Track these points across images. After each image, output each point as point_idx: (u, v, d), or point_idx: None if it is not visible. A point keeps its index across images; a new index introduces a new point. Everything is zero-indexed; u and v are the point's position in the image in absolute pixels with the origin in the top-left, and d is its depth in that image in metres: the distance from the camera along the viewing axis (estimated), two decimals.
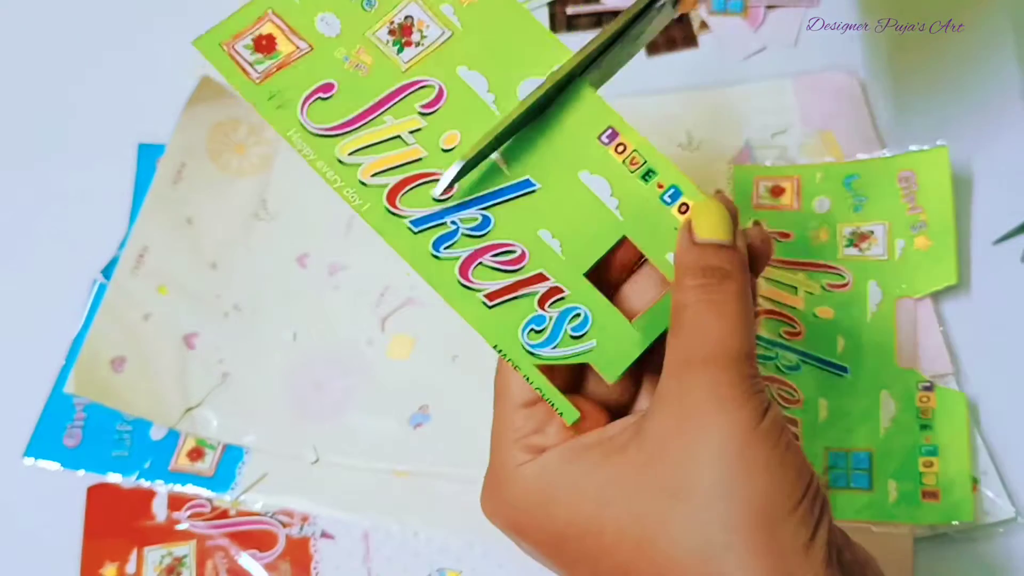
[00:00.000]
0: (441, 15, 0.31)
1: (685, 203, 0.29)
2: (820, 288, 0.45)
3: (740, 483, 0.24)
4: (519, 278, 0.29)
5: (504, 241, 0.29)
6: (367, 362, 0.47)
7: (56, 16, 0.63)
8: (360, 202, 0.30)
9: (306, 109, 0.31)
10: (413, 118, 0.30)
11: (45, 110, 0.59)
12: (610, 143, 0.30)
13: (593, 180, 0.29)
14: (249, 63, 0.31)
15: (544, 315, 0.29)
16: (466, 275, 0.29)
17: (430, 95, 0.30)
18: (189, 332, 0.48)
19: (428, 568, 0.42)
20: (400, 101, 0.30)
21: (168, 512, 0.45)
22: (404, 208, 0.30)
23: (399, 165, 0.30)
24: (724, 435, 0.25)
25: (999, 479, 0.40)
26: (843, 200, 0.47)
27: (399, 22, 0.31)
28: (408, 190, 0.30)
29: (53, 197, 0.55)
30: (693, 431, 0.25)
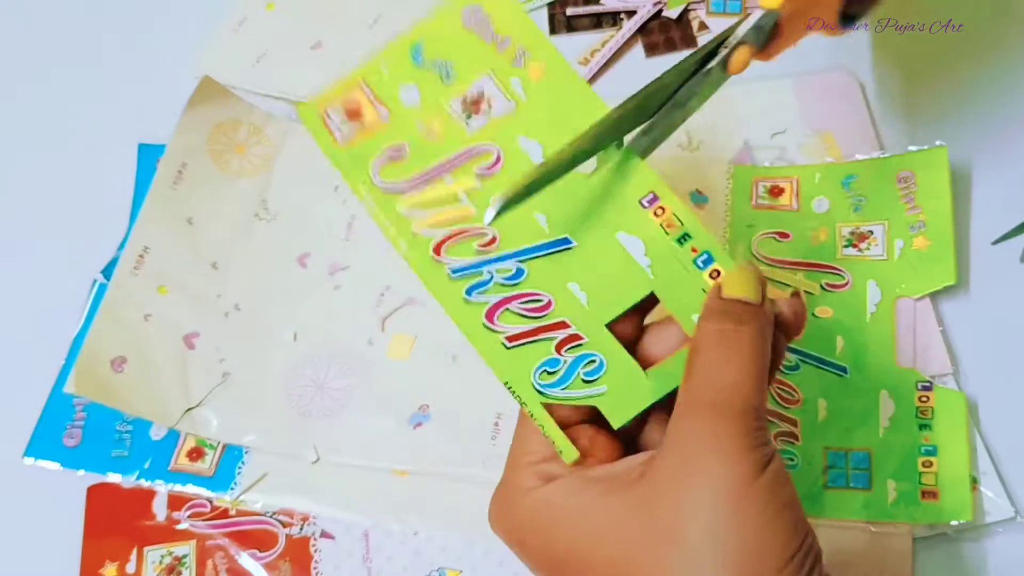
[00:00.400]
0: (510, 89, 0.33)
1: (717, 269, 0.30)
2: (819, 288, 0.45)
3: (731, 536, 0.24)
4: (541, 324, 0.31)
5: (533, 291, 0.31)
6: (367, 362, 0.47)
7: (56, 16, 0.63)
8: (408, 250, 0.32)
9: (379, 168, 0.34)
10: (471, 179, 0.32)
11: (45, 110, 0.59)
12: (650, 207, 0.31)
13: (629, 240, 0.31)
14: (337, 127, 0.35)
15: (559, 359, 0.30)
16: (491, 318, 0.31)
17: (489, 160, 0.33)
18: (189, 332, 0.48)
19: (428, 567, 0.42)
20: (461, 164, 0.33)
21: (168, 512, 0.45)
22: (447, 257, 0.32)
23: (452, 221, 0.32)
24: (720, 486, 0.25)
25: (998, 479, 0.40)
26: (842, 200, 0.47)
27: (472, 96, 0.34)
28: (456, 243, 0.32)
29: (53, 197, 0.55)
30: (691, 478, 0.25)
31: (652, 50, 0.55)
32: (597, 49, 0.55)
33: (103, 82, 0.59)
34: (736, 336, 0.27)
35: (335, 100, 0.34)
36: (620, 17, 0.56)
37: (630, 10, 0.56)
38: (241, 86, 0.56)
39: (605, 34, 0.56)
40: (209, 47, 0.59)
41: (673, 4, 0.56)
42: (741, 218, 0.48)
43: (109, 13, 0.62)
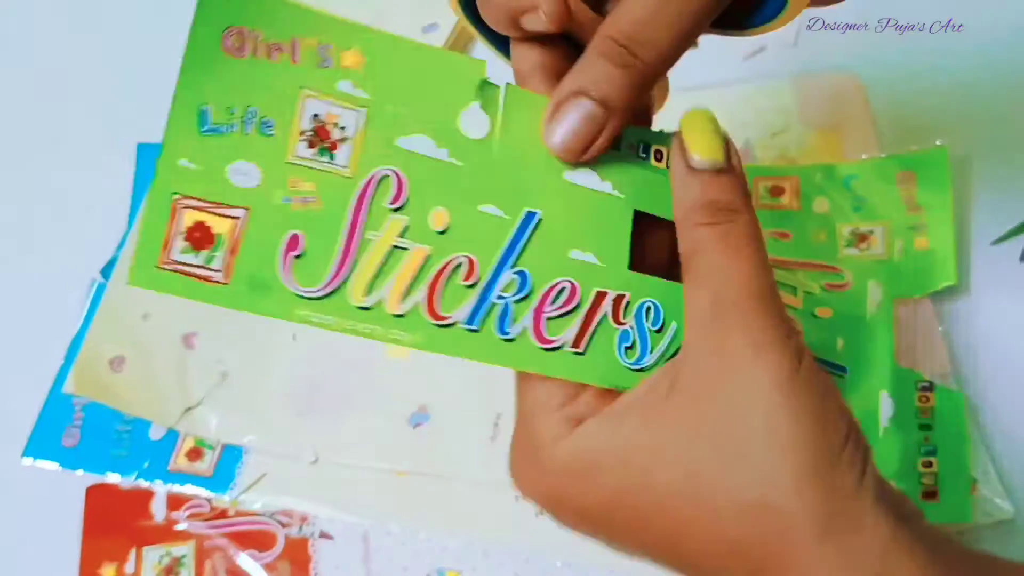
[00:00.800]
0: (343, 96, 0.26)
1: (658, 149, 0.28)
2: (819, 288, 0.45)
3: (789, 431, 0.24)
4: (585, 309, 0.28)
5: (549, 284, 0.27)
6: (367, 362, 0.47)
7: (56, 16, 0.63)
8: (410, 336, 0.27)
9: (291, 279, 0.26)
10: (392, 220, 0.26)
11: (45, 110, 0.59)
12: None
13: (576, 175, 0.28)
14: (200, 266, 0.26)
15: (625, 328, 0.28)
16: (542, 339, 0.27)
17: (390, 187, 0.26)
18: (188, 332, 0.48)
19: (428, 568, 0.42)
20: (370, 211, 0.26)
21: (167, 512, 0.45)
22: (449, 313, 0.27)
23: (416, 275, 0.26)
24: (767, 383, 0.24)
25: (998, 479, 0.40)
26: (842, 200, 0.47)
27: (309, 128, 0.26)
28: (442, 292, 0.27)
29: (52, 197, 0.55)
30: (734, 381, 0.24)
31: None
32: None
33: (103, 82, 0.59)
34: (732, 227, 0.26)
35: (166, 240, 0.25)
36: None
37: None
38: None
39: None
40: None
41: None
42: None
43: (109, 13, 0.62)
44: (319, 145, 0.26)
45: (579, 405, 0.27)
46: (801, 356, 0.25)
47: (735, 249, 0.25)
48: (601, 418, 0.26)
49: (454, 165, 0.27)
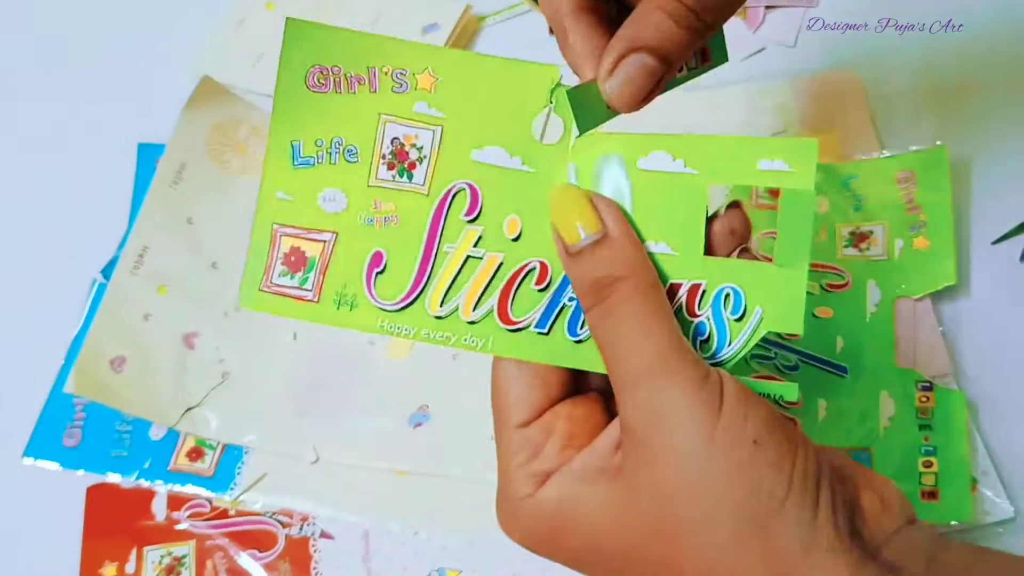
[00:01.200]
0: (419, 117, 0.28)
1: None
2: (819, 288, 0.45)
3: (718, 505, 0.23)
4: None
5: None
6: (367, 362, 0.47)
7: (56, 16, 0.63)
8: (483, 342, 0.28)
9: (374, 294, 0.29)
10: (467, 231, 0.28)
11: (45, 110, 0.59)
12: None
13: (649, 161, 0.27)
14: (295, 287, 0.29)
15: (700, 320, 0.27)
16: None
17: (466, 200, 0.28)
18: (189, 332, 0.48)
19: (428, 567, 0.42)
20: (446, 225, 0.28)
21: (168, 512, 0.45)
22: (520, 318, 0.28)
23: (488, 282, 0.28)
24: (682, 460, 0.24)
25: (998, 479, 0.40)
26: (842, 200, 0.47)
27: (389, 151, 0.28)
28: (513, 297, 0.28)
29: (53, 197, 0.55)
30: (653, 462, 0.24)
31: None
32: None
33: (103, 82, 0.59)
34: (612, 300, 0.25)
35: (268, 266, 0.28)
36: None
37: None
38: (240, 86, 0.56)
39: None
40: (209, 47, 0.59)
41: None
42: None
43: (109, 12, 0.62)
44: (398, 167, 0.28)
45: (543, 458, 0.27)
46: (721, 401, 0.24)
47: (619, 321, 0.25)
48: (560, 480, 0.27)
49: (527, 172, 0.28)
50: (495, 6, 0.58)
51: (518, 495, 0.27)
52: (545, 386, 0.28)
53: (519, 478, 0.27)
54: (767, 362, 0.43)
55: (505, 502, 0.28)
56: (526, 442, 0.27)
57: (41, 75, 0.60)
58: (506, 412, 0.28)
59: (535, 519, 0.27)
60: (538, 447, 0.27)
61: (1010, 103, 0.50)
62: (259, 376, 0.47)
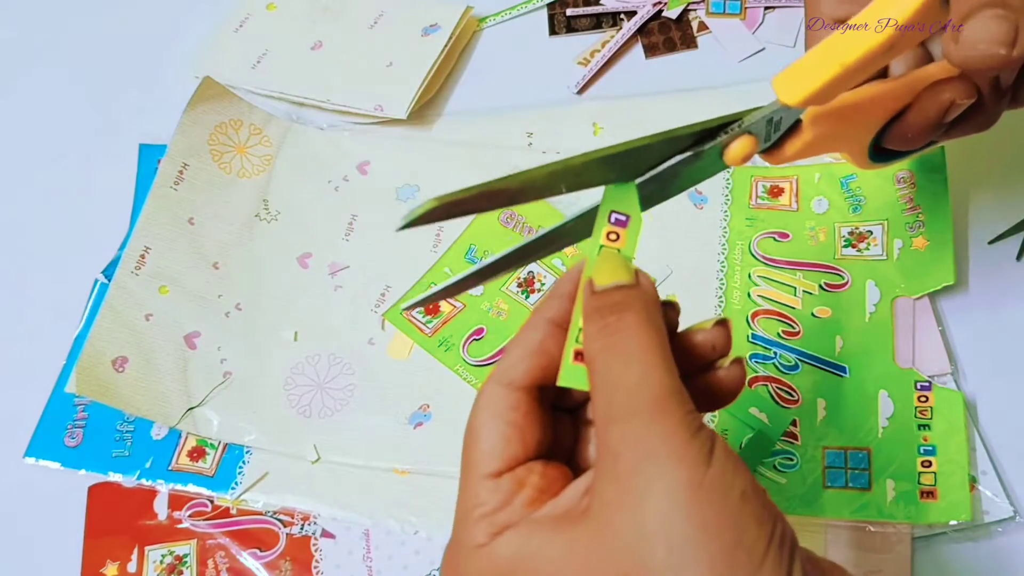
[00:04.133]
0: (555, 269, 0.46)
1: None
2: (818, 288, 0.45)
3: (698, 552, 0.22)
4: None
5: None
6: (368, 361, 0.47)
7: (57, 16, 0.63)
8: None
9: (467, 349, 0.46)
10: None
11: (46, 110, 0.59)
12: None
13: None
14: (423, 323, 0.47)
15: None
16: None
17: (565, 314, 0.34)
18: (190, 332, 0.48)
19: (428, 566, 0.42)
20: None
21: (169, 511, 0.45)
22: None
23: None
24: (668, 501, 0.22)
25: (997, 478, 0.40)
26: (841, 200, 0.47)
27: (523, 278, 0.46)
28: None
29: (55, 197, 0.55)
30: (635, 500, 0.23)
31: (652, 51, 0.55)
32: (597, 50, 0.55)
33: (104, 82, 0.59)
34: (621, 327, 0.24)
35: (415, 302, 0.31)
36: (620, 17, 0.56)
37: (630, 11, 0.56)
38: (241, 86, 0.56)
39: (605, 34, 0.56)
40: (209, 47, 0.59)
41: (673, 4, 0.56)
42: (740, 218, 0.48)
43: (109, 13, 0.62)
44: (524, 288, 0.47)
45: (509, 511, 0.26)
46: (710, 458, 0.23)
47: (622, 351, 0.24)
48: (521, 529, 0.25)
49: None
50: (495, 7, 0.58)
51: (471, 543, 0.26)
52: (522, 441, 0.27)
53: (478, 527, 0.26)
54: (767, 362, 0.44)
55: (455, 550, 0.27)
56: (495, 492, 0.26)
57: (42, 75, 0.60)
58: (478, 459, 0.27)
59: (483, 570, 0.25)
60: (507, 499, 0.26)
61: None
62: (260, 376, 0.47)
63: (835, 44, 0.27)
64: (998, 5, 0.26)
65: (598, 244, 0.27)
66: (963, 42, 0.26)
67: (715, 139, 0.27)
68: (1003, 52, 0.26)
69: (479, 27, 0.58)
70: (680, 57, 0.55)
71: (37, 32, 0.62)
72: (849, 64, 0.26)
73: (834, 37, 0.27)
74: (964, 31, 0.27)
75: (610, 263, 0.26)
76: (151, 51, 0.60)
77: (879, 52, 0.27)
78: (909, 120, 0.33)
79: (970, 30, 0.27)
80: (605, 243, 0.27)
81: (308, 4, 0.59)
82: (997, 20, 0.26)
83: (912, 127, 0.33)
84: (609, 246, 0.27)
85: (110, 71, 0.60)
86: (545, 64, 0.56)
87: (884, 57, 0.27)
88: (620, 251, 0.27)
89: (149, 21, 0.62)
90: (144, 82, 0.59)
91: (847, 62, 0.26)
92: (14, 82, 0.60)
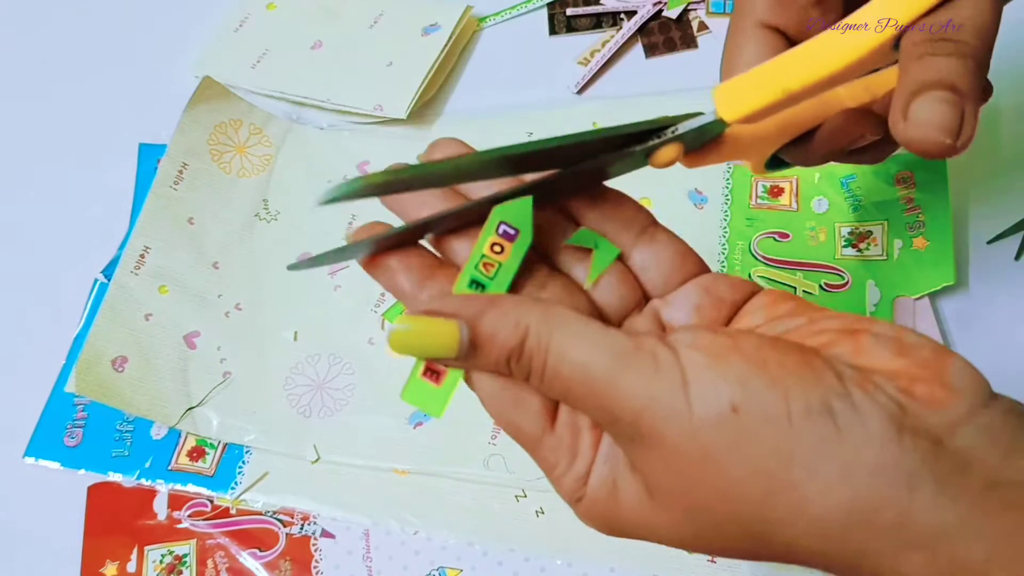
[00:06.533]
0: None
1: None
2: (818, 288, 0.45)
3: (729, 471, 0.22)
4: None
5: None
6: (367, 361, 0.47)
7: (57, 17, 0.63)
8: None
9: None
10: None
11: (47, 110, 0.59)
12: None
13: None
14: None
15: None
16: None
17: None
18: (190, 332, 0.48)
19: (428, 566, 0.42)
20: None
21: (169, 511, 0.45)
22: None
23: None
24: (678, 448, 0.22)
25: None
26: (841, 200, 0.47)
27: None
28: None
29: (54, 197, 0.55)
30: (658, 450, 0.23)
31: (652, 50, 0.55)
32: (597, 49, 0.55)
33: (104, 82, 0.59)
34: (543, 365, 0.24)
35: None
36: (620, 17, 0.56)
37: (630, 10, 0.56)
38: (241, 86, 0.56)
39: (605, 34, 0.56)
40: (209, 47, 0.59)
41: (673, 4, 0.56)
42: (740, 218, 0.48)
43: (110, 13, 0.62)
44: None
45: (581, 460, 0.25)
46: (684, 379, 0.22)
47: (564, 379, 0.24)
48: (600, 469, 0.25)
49: None
50: (495, 7, 0.58)
51: (572, 501, 0.26)
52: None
53: (566, 486, 0.26)
54: None
55: (573, 508, 0.26)
56: (558, 448, 0.26)
57: (43, 75, 0.60)
58: (522, 433, 0.26)
59: (600, 516, 0.25)
60: (572, 448, 0.26)
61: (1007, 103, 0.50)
62: (260, 376, 0.47)
63: (781, 67, 0.27)
64: (947, 87, 0.26)
65: (480, 254, 0.26)
66: (910, 123, 0.26)
67: (645, 142, 0.27)
68: (948, 142, 0.25)
69: (479, 27, 0.58)
70: (680, 57, 0.55)
71: (37, 32, 0.62)
72: (792, 91, 0.27)
73: (781, 59, 0.27)
74: (911, 112, 0.26)
75: (423, 336, 0.25)
76: (151, 51, 0.60)
77: (824, 83, 0.27)
78: (815, 145, 0.33)
79: (917, 112, 0.26)
80: (488, 254, 0.26)
81: (308, 4, 0.59)
82: (944, 105, 0.25)
83: (817, 151, 0.34)
84: (491, 258, 0.26)
85: (110, 71, 0.60)
86: (545, 64, 0.56)
87: (827, 87, 0.27)
88: (501, 265, 0.26)
89: (149, 21, 0.62)
90: (144, 82, 0.59)
91: (791, 88, 0.27)
92: (14, 82, 0.60)
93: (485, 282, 0.26)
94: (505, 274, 0.26)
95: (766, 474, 0.22)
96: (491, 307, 0.24)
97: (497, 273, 0.26)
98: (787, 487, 0.21)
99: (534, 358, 0.24)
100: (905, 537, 0.21)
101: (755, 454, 0.22)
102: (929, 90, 0.26)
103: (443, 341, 0.24)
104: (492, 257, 0.26)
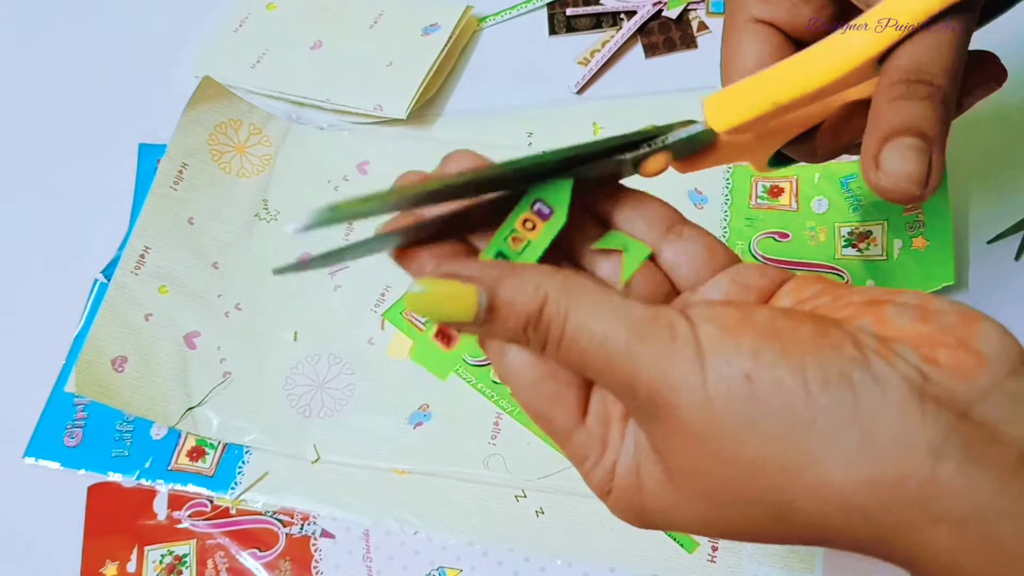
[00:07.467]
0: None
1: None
2: None
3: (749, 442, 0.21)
4: None
5: None
6: (367, 361, 0.47)
7: (58, 16, 0.63)
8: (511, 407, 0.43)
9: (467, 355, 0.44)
10: None
11: (47, 110, 0.59)
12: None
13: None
14: (423, 323, 0.46)
15: None
16: None
17: None
18: (190, 332, 0.48)
19: (428, 566, 0.42)
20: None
21: (169, 511, 0.45)
22: None
23: None
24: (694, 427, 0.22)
25: None
26: (841, 200, 0.47)
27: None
28: None
29: (54, 197, 0.55)
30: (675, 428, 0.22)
31: (652, 51, 0.55)
32: (597, 50, 0.55)
33: (104, 82, 0.59)
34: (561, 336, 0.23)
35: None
36: (620, 17, 0.56)
37: (630, 10, 0.56)
38: (241, 86, 0.56)
39: (605, 34, 0.56)
40: (209, 47, 0.59)
41: (673, 4, 0.56)
42: (740, 218, 0.48)
43: (110, 13, 0.62)
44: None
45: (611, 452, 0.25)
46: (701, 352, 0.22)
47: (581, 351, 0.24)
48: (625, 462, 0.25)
49: None
50: (495, 7, 0.58)
51: (602, 493, 0.26)
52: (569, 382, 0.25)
53: (596, 479, 0.26)
54: None
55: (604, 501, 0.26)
56: (588, 441, 0.25)
57: (42, 75, 0.60)
58: (553, 426, 0.26)
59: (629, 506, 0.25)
60: (603, 439, 0.25)
61: (1007, 103, 0.50)
62: (260, 376, 0.47)
63: (772, 79, 0.27)
64: (915, 133, 0.26)
65: (511, 227, 0.25)
66: (882, 171, 0.26)
67: (635, 150, 0.27)
68: (916, 192, 0.26)
69: (479, 27, 0.58)
70: (680, 57, 0.55)
71: (37, 32, 0.62)
72: (782, 103, 0.27)
73: (772, 70, 0.27)
74: (883, 161, 0.26)
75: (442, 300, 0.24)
76: (151, 51, 0.60)
77: (814, 96, 0.27)
78: (820, 141, 0.33)
79: (888, 161, 0.26)
80: (519, 228, 0.25)
81: (308, 4, 0.59)
82: (912, 153, 0.26)
83: (824, 148, 0.33)
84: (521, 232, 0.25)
85: (110, 71, 0.60)
86: (545, 64, 0.56)
87: (817, 99, 0.27)
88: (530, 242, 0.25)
89: (149, 21, 0.61)
90: (144, 82, 0.59)
91: (780, 101, 0.27)
92: (14, 82, 0.60)
93: (512, 256, 0.25)
94: (532, 252, 0.25)
95: (783, 447, 0.21)
96: (511, 273, 0.24)
97: (525, 249, 0.25)
98: (807, 460, 0.21)
99: (552, 326, 0.23)
100: (933, 511, 0.20)
101: (771, 426, 0.21)
102: (899, 136, 0.26)
103: (461, 305, 0.23)
104: (522, 232, 0.25)
